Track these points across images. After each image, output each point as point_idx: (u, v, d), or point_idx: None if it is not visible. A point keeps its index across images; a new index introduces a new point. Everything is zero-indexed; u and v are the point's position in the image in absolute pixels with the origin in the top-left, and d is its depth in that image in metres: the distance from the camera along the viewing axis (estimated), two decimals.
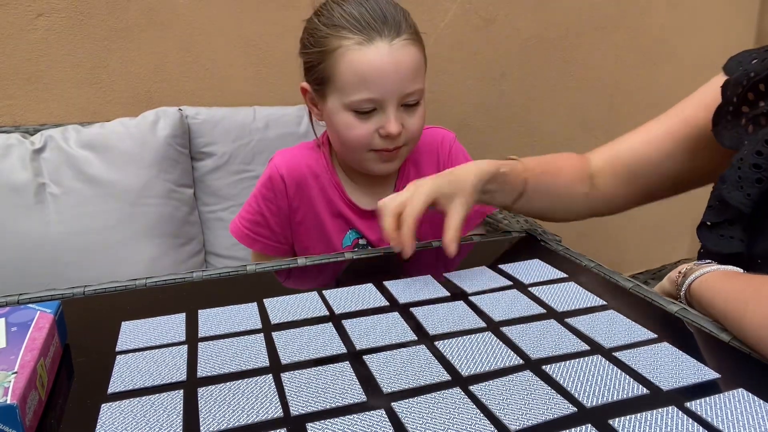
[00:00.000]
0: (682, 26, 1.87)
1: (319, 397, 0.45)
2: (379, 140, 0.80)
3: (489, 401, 0.44)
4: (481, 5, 1.58)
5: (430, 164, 0.92)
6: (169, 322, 0.57)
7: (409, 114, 0.81)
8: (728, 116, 0.69)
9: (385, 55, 0.76)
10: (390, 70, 0.76)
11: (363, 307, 0.60)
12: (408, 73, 0.78)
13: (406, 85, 0.78)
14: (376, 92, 0.77)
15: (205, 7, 1.30)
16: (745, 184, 0.63)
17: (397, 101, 0.79)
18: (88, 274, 1.07)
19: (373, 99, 0.78)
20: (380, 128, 0.79)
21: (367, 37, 0.76)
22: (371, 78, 0.76)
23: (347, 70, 0.77)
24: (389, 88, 0.77)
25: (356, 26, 0.76)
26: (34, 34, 1.19)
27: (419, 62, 0.80)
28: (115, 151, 1.13)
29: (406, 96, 0.79)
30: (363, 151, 0.82)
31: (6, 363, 0.43)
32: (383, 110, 0.79)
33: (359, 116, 0.79)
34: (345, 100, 0.79)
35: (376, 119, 0.80)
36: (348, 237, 0.90)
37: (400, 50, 0.77)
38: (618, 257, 2.04)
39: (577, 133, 1.81)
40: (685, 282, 0.61)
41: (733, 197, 0.63)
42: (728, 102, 0.69)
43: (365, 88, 0.77)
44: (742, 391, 0.44)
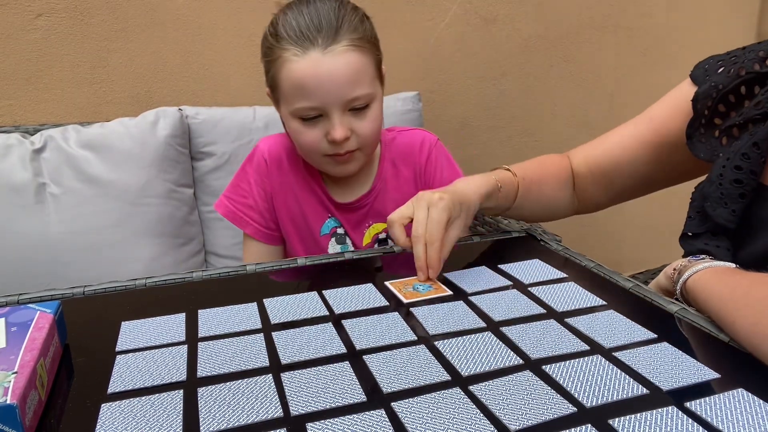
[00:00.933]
0: (682, 26, 1.87)
1: (319, 397, 0.45)
2: (328, 145, 0.81)
3: (489, 401, 0.44)
4: (481, 5, 1.58)
5: (408, 167, 0.92)
6: (169, 322, 0.57)
7: (358, 118, 0.80)
8: (701, 129, 0.71)
9: (319, 65, 0.76)
10: (325, 78, 0.76)
11: (363, 307, 0.60)
12: (346, 80, 0.77)
13: (346, 92, 0.77)
14: (315, 101, 0.77)
15: (205, 7, 1.30)
16: (729, 201, 0.64)
17: (341, 107, 0.78)
18: (88, 274, 1.07)
19: (314, 107, 0.78)
20: (327, 134, 0.80)
21: (301, 48, 0.76)
22: (308, 87, 0.77)
23: (286, 80, 0.78)
24: (328, 96, 0.77)
25: (293, 37, 0.77)
26: (34, 34, 1.19)
27: (361, 67, 0.78)
28: (115, 151, 1.13)
29: (350, 101, 0.78)
30: (317, 156, 0.83)
31: (6, 363, 0.43)
32: (328, 116, 0.79)
33: (305, 123, 0.80)
34: (290, 108, 0.80)
35: (322, 125, 0.80)
36: (327, 225, 0.90)
37: (335, 58, 0.76)
38: (618, 257, 2.04)
39: (577, 133, 1.81)
40: (681, 279, 0.61)
41: (718, 215, 0.64)
42: (700, 115, 0.71)
43: (304, 97, 0.78)
44: (742, 391, 0.44)
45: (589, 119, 1.82)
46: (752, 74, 0.67)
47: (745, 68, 0.68)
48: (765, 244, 0.63)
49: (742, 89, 0.69)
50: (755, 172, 0.63)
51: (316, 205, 0.90)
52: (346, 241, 0.91)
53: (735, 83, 0.68)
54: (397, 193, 0.91)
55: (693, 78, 0.74)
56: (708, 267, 0.59)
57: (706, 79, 0.72)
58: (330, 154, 0.82)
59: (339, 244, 0.91)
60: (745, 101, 0.68)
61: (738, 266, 0.59)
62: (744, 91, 0.69)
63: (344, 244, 0.91)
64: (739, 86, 0.69)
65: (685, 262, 0.63)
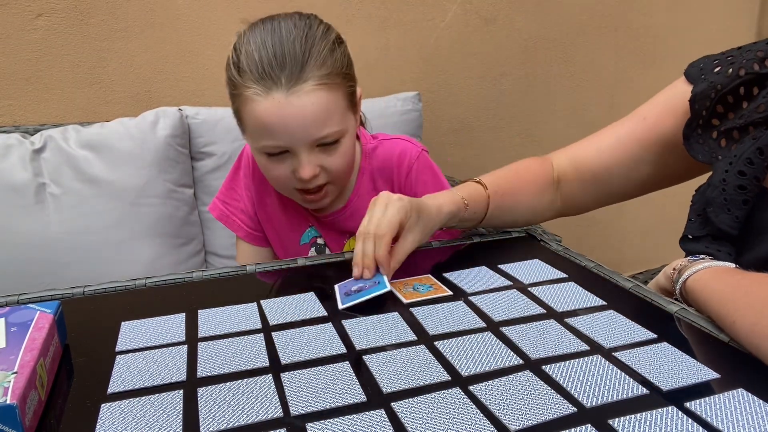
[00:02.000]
0: (682, 26, 1.87)
1: (319, 397, 0.45)
2: (297, 182, 0.77)
3: (489, 401, 0.44)
4: (481, 5, 1.58)
5: (386, 182, 0.88)
6: (169, 322, 0.57)
7: (327, 154, 0.76)
8: (698, 129, 0.69)
9: (283, 107, 0.71)
10: (290, 120, 0.72)
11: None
12: (312, 121, 0.72)
13: (313, 132, 0.73)
14: (280, 140, 0.73)
15: (204, 7, 1.30)
16: (732, 207, 0.63)
17: (308, 146, 0.74)
18: (88, 274, 1.07)
19: (280, 146, 0.74)
20: (294, 171, 0.76)
21: (263, 88, 0.71)
22: (272, 128, 0.72)
23: (249, 118, 0.74)
24: (293, 138, 0.73)
25: (255, 74, 0.72)
26: (34, 34, 1.19)
27: (329, 106, 0.73)
28: (115, 151, 1.13)
29: (317, 140, 0.74)
30: (288, 190, 0.80)
31: (6, 363, 0.43)
32: (294, 153, 0.75)
33: (272, 159, 0.76)
34: (255, 145, 0.77)
35: (290, 161, 0.76)
36: (307, 234, 0.90)
37: (301, 99, 0.71)
38: (618, 257, 2.04)
39: (577, 133, 1.81)
40: (680, 279, 0.61)
41: (721, 220, 0.63)
42: (697, 116, 0.69)
43: (269, 136, 0.74)
44: (742, 391, 0.44)
45: (589, 119, 1.82)
46: (752, 75, 0.66)
47: (744, 68, 0.67)
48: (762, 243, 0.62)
49: (741, 90, 0.67)
50: (759, 178, 0.62)
51: (296, 214, 0.89)
52: (326, 251, 0.89)
53: (734, 84, 0.67)
54: None
55: (688, 76, 0.72)
56: (708, 267, 0.59)
57: (702, 78, 0.70)
58: (300, 189, 0.79)
59: (318, 254, 0.89)
60: (743, 102, 0.67)
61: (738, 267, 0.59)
62: (743, 92, 0.67)
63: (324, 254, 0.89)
64: (738, 87, 0.67)
65: (685, 262, 0.63)
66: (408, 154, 0.87)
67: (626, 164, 0.78)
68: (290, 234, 0.89)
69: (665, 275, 0.66)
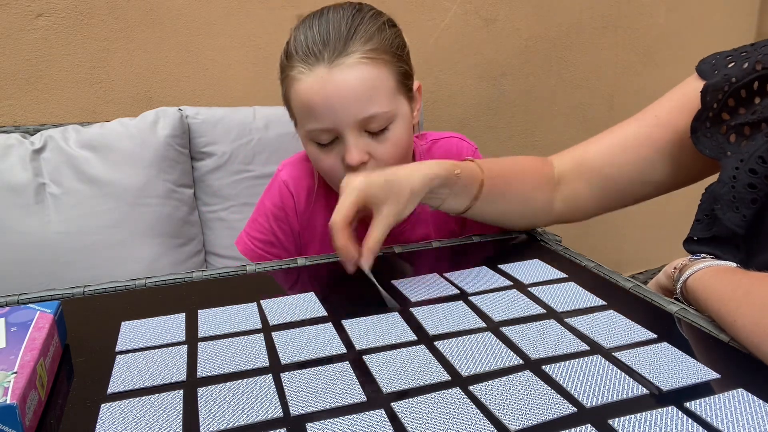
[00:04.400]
0: (682, 26, 1.87)
1: (319, 397, 0.45)
2: (347, 172, 0.71)
3: (489, 401, 0.44)
4: (481, 5, 1.58)
5: None
6: (169, 322, 0.57)
7: (377, 141, 0.72)
8: (707, 123, 0.67)
9: (325, 81, 0.68)
10: (332, 95, 0.68)
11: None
12: (356, 97, 0.69)
13: (358, 110, 0.69)
14: (325, 121, 0.70)
15: (205, 7, 1.30)
16: (741, 205, 0.61)
17: (355, 128, 0.70)
18: (88, 274, 1.07)
19: (326, 129, 0.71)
20: (344, 159, 0.72)
21: (307, 66, 0.70)
22: (315, 107, 0.70)
23: (295, 101, 0.72)
24: (337, 116, 0.69)
25: (301, 54, 0.71)
26: (34, 34, 1.19)
27: (375, 82, 0.70)
28: (114, 151, 1.13)
29: (364, 121, 0.70)
30: (337, 183, 0.73)
31: (6, 363, 0.43)
32: (342, 138, 0.71)
33: (321, 148, 0.74)
34: (303, 131, 0.74)
35: (338, 149, 0.73)
36: None
37: (343, 72, 0.68)
38: (618, 257, 2.04)
39: (577, 133, 1.81)
40: (681, 278, 0.61)
41: (728, 218, 0.61)
42: (708, 108, 0.66)
43: (313, 118, 0.71)
44: (742, 391, 0.44)
45: (589, 119, 1.82)
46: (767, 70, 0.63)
47: (762, 63, 0.64)
48: None
49: (754, 85, 0.64)
50: None
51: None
52: None
53: (749, 78, 0.64)
54: (438, 214, 0.82)
55: (700, 72, 0.70)
56: (709, 266, 0.59)
57: (714, 72, 0.68)
58: None
59: None
60: (756, 98, 0.65)
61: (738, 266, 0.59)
62: (756, 87, 0.64)
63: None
64: (753, 81, 0.64)
65: (686, 261, 0.62)
66: (466, 151, 0.85)
67: (636, 164, 0.75)
68: None
69: (666, 274, 0.66)
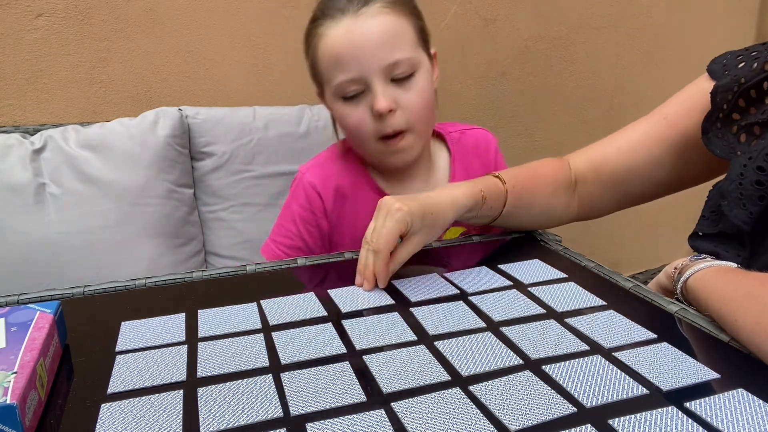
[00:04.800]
0: (682, 26, 1.87)
1: (319, 397, 0.45)
2: (375, 125, 0.76)
3: (489, 401, 0.44)
4: (481, 5, 1.58)
5: (478, 166, 0.89)
6: (169, 322, 0.57)
7: (403, 89, 0.76)
8: (718, 123, 0.67)
9: (351, 30, 0.73)
10: (359, 42, 0.73)
11: (363, 307, 0.60)
12: (381, 42, 0.73)
13: (383, 55, 0.73)
14: (352, 70, 0.74)
15: (205, 7, 1.30)
16: (748, 202, 0.61)
17: (381, 75, 0.74)
18: (88, 274, 1.07)
19: (353, 79, 0.74)
20: (372, 109, 0.75)
21: (333, 20, 0.74)
22: (342, 56, 0.73)
23: (323, 57, 0.76)
24: (364, 63, 0.73)
25: (326, 13, 0.75)
26: (34, 34, 1.19)
27: (397, 29, 0.74)
28: (115, 151, 1.13)
29: (389, 68, 0.74)
30: (369, 142, 0.79)
31: (6, 363, 0.43)
32: (369, 89, 0.75)
33: (349, 102, 0.77)
34: (331, 88, 0.77)
35: (366, 101, 0.76)
36: None
37: (368, 20, 0.73)
38: (618, 257, 2.04)
39: (577, 133, 1.81)
40: (681, 278, 0.61)
41: (735, 215, 0.61)
42: (718, 108, 0.67)
43: (340, 69, 0.74)
44: (742, 391, 0.44)
45: (589, 119, 1.82)
46: None
47: None
48: None
49: (765, 85, 0.65)
50: None
51: None
52: None
53: (758, 78, 0.64)
54: None
55: (710, 72, 0.71)
56: (709, 266, 0.59)
57: (725, 73, 0.68)
58: (381, 138, 0.77)
59: None
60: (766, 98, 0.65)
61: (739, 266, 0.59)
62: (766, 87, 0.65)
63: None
64: (762, 82, 0.65)
65: (687, 262, 0.62)
66: (493, 141, 0.91)
67: (647, 164, 0.76)
68: None
69: (666, 274, 0.66)
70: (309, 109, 1.32)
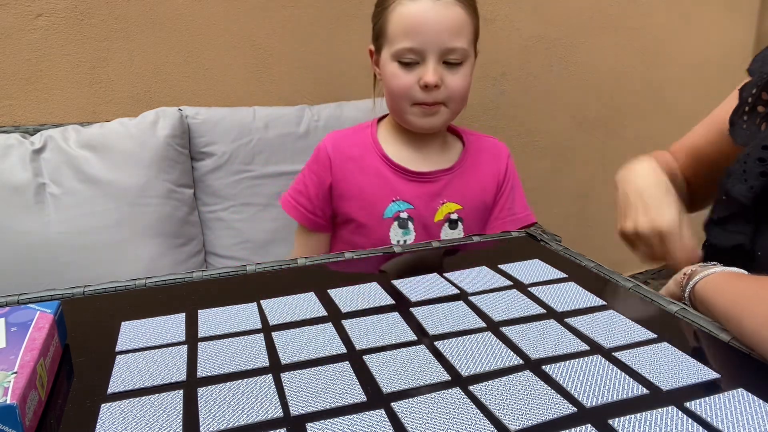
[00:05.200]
0: (682, 26, 1.87)
1: (319, 397, 0.45)
2: (419, 92, 0.86)
3: (489, 401, 0.44)
4: (481, 5, 1.57)
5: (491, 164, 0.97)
6: (169, 322, 0.57)
7: (450, 72, 0.87)
8: (744, 116, 0.71)
9: (428, 10, 0.84)
10: (431, 21, 0.83)
11: (363, 307, 0.60)
12: (448, 28, 0.84)
13: (446, 40, 0.84)
14: (416, 42, 0.84)
15: (205, 7, 1.30)
16: (749, 177, 0.64)
17: (438, 55, 0.85)
18: (88, 274, 1.07)
19: (414, 49, 0.84)
20: (420, 79, 0.85)
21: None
22: (413, 27, 0.84)
23: (396, 21, 0.86)
24: (428, 39, 0.84)
25: None
26: (34, 34, 1.19)
27: (462, 22, 0.86)
28: (114, 151, 1.13)
29: (446, 51, 0.85)
30: (406, 103, 0.88)
31: (6, 363, 0.43)
32: (424, 62, 0.85)
33: (403, 67, 0.87)
34: (392, 50, 0.87)
35: (417, 71, 0.86)
36: (390, 209, 0.92)
37: (444, 7, 0.84)
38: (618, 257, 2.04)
39: (577, 133, 1.81)
40: (689, 284, 0.61)
41: (735, 189, 0.65)
42: (744, 103, 0.71)
43: (408, 37, 0.84)
44: (742, 391, 0.44)
45: (589, 119, 1.82)
46: None
47: None
48: None
49: None
50: None
51: (383, 188, 0.92)
52: (409, 226, 0.92)
53: None
54: (476, 182, 0.95)
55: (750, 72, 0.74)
56: (720, 271, 0.59)
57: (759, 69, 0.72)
58: (418, 103, 0.87)
59: (401, 228, 0.92)
60: None
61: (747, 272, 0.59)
62: None
63: (406, 228, 0.92)
64: None
65: (696, 267, 0.62)
66: (506, 150, 1.00)
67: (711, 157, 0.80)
68: (375, 207, 0.92)
69: (675, 281, 0.65)
70: (309, 109, 1.32)
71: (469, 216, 0.93)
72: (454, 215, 0.93)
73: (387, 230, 0.91)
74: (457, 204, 0.93)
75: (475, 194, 0.94)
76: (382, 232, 0.91)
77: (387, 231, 0.91)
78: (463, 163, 0.95)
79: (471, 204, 0.94)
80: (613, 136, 1.86)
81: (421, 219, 0.91)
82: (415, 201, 0.91)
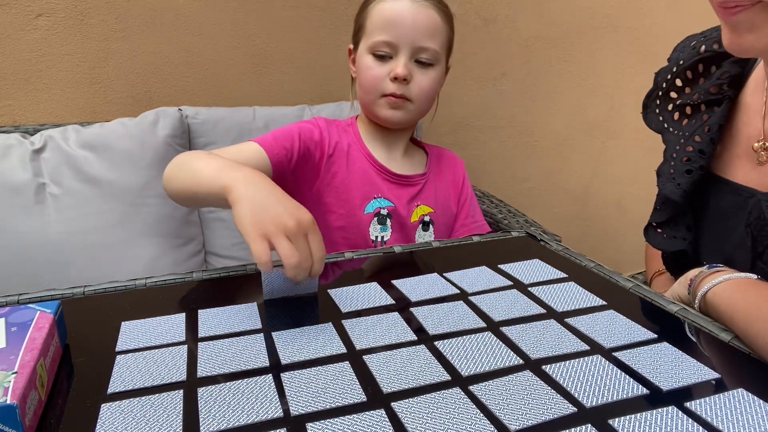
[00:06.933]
0: (682, 26, 1.87)
1: (319, 397, 0.45)
2: (389, 84, 0.90)
3: (489, 401, 0.44)
4: (481, 5, 1.58)
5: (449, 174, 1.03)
6: (169, 322, 0.57)
7: (421, 71, 0.91)
8: (657, 101, 0.74)
9: (406, 8, 0.89)
10: (408, 18, 0.88)
11: (363, 307, 0.60)
12: (423, 28, 0.89)
13: (419, 38, 0.89)
14: (392, 35, 0.89)
15: (205, 7, 1.30)
16: (677, 175, 0.67)
17: (410, 51, 0.89)
18: (88, 274, 1.07)
19: (389, 42, 0.89)
20: (391, 72, 0.90)
21: None
22: (390, 22, 0.89)
23: (374, 16, 0.91)
24: (403, 34, 0.88)
25: None
26: (34, 34, 1.19)
27: (437, 26, 0.90)
28: (114, 151, 1.13)
29: (418, 49, 0.90)
30: (376, 95, 0.92)
31: (6, 363, 0.43)
32: (396, 56, 0.90)
33: (377, 59, 0.91)
34: (368, 43, 0.91)
35: (390, 65, 0.90)
36: (372, 205, 0.93)
37: (420, 8, 0.89)
38: (618, 257, 2.04)
39: (577, 134, 1.81)
40: (699, 292, 0.60)
41: (665, 188, 0.67)
42: (658, 87, 0.74)
43: (384, 31, 0.89)
44: (742, 391, 0.44)
45: (589, 119, 1.82)
46: (710, 53, 0.69)
47: (705, 45, 0.69)
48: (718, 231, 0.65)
49: (699, 67, 0.70)
50: (704, 151, 0.66)
51: (366, 184, 0.94)
52: (387, 222, 0.94)
53: (694, 59, 0.70)
54: (443, 189, 1.01)
55: (668, 61, 0.76)
56: (728, 279, 0.58)
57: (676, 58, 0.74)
58: (387, 95, 0.91)
59: (380, 224, 0.94)
60: (700, 79, 0.70)
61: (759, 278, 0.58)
62: (701, 69, 0.70)
63: (384, 225, 0.93)
64: (697, 63, 0.69)
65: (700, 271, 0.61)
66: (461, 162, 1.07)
67: None
68: (356, 201, 0.93)
69: (681, 285, 0.65)
70: (309, 109, 1.32)
71: (438, 219, 0.98)
72: (427, 217, 0.97)
73: (366, 225, 0.92)
74: (429, 207, 0.98)
75: (442, 200, 1.00)
76: (362, 227, 0.92)
77: (366, 226, 0.92)
78: (431, 170, 1.01)
79: (440, 209, 0.99)
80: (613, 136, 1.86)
81: (399, 218, 0.94)
82: (396, 201, 0.94)
